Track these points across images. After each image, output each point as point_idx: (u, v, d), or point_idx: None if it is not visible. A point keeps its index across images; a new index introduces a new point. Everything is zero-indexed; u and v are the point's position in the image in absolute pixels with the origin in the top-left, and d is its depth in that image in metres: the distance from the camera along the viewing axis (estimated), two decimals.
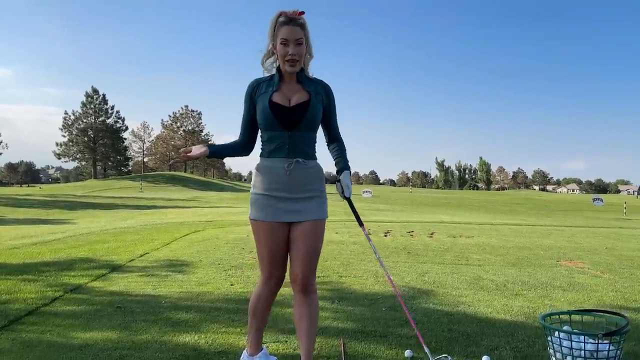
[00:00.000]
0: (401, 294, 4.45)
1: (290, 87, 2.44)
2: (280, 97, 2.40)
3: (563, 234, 10.38)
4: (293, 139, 2.40)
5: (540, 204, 45.36)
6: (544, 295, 4.53)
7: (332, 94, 2.55)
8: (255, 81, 2.50)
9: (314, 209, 2.45)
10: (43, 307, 3.89)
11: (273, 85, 2.43)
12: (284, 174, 2.40)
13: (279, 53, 2.37)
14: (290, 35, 2.32)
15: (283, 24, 2.34)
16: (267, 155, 2.45)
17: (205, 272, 5.35)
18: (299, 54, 2.35)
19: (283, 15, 2.36)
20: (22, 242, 8.03)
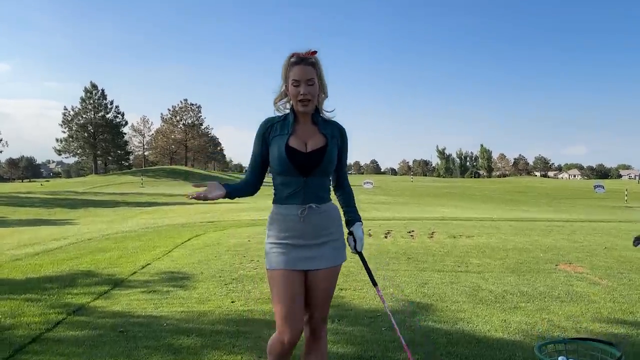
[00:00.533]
0: (402, 309, 4.50)
1: (305, 128, 2.41)
2: (296, 141, 2.36)
3: (563, 231, 10.41)
4: (308, 185, 2.36)
5: (542, 192, 45.45)
6: (542, 308, 4.57)
7: (346, 137, 2.53)
8: (269, 121, 2.45)
9: (329, 255, 2.42)
10: (47, 332, 3.94)
11: (288, 127, 2.39)
12: (298, 221, 2.36)
13: (291, 94, 2.35)
14: (302, 75, 2.31)
15: (294, 65, 2.33)
16: (281, 202, 2.41)
17: (206, 287, 5.39)
18: (311, 94, 2.33)
19: (295, 56, 2.35)
20: (25, 252, 8.08)
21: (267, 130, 2.41)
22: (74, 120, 71.90)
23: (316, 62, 2.36)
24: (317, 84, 2.34)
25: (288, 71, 2.34)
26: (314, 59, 2.36)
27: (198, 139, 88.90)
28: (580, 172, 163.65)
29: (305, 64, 2.32)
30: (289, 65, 2.35)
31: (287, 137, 2.35)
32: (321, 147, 2.36)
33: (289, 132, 2.37)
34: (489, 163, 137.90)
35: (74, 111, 72.25)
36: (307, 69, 2.31)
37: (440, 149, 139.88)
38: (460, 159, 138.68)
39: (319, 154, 2.35)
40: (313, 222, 2.37)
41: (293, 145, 2.34)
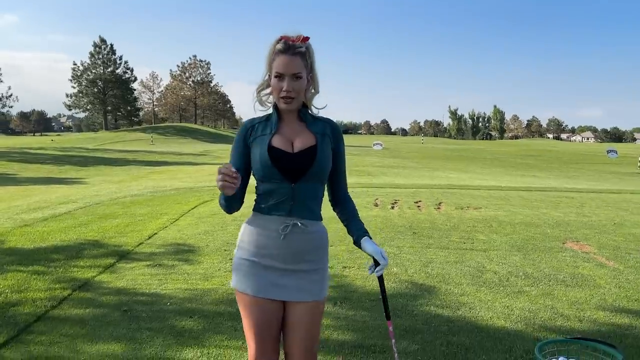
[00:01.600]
0: (405, 291, 4.50)
1: (291, 127, 2.04)
2: (281, 140, 1.99)
3: (572, 204, 10.31)
4: (297, 193, 1.97)
5: (553, 156, 45.01)
6: (546, 293, 4.55)
7: (341, 136, 2.11)
8: (250, 122, 2.08)
9: (312, 288, 2.02)
10: (52, 309, 3.99)
11: (271, 126, 2.03)
12: (278, 238, 1.97)
13: (273, 88, 1.98)
14: (286, 68, 1.92)
15: (279, 53, 1.94)
16: (262, 212, 2.02)
17: (211, 261, 5.42)
18: (295, 90, 1.94)
19: (282, 42, 1.95)
20: (34, 217, 8.16)
21: (248, 132, 2.05)
22: (83, 76, 71.56)
23: (306, 52, 1.97)
24: (305, 78, 1.96)
25: (271, 59, 1.97)
26: (305, 48, 1.96)
27: (207, 96, 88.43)
28: (594, 135, 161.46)
29: (292, 54, 1.93)
30: (274, 53, 1.97)
31: (270, 137, 1.99)
32: (311, 146, 1.99)
33: (272, 131, 2.01)
34: (502, 124, 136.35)
35: (83, 66, 71.84)
36: (293, 61, 1.93)
37: (453, 109, 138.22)
38: (472, 120, 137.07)
39: (309, 155, 1.97)
40: (295, 243, 1.99)
41: (277, 145, 1.97)
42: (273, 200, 1.99)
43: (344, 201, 2.17)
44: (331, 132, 2.07)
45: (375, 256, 2.04)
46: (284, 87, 1.93)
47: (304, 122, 2.06)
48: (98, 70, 71.96)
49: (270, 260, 2.00)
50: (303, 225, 1.99)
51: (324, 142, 2.03)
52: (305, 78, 1.96)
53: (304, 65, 1.96)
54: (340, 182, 2.16)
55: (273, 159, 1.95)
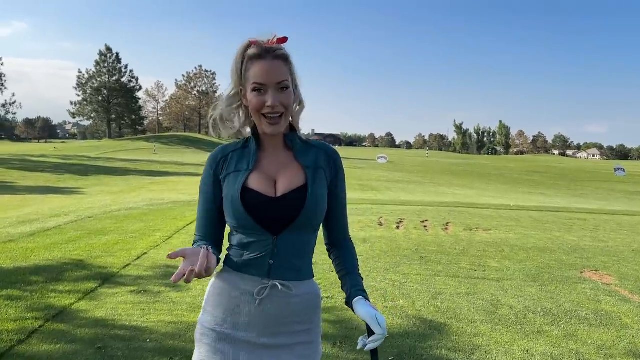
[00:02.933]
0: (413, 330, 4.06)
1: (275, 158, 1.57)
2: (259, 180, 1.52)
3: (586, 226, 9.86)
4: (280, 248, 1.51)
5: (560, 173, 44.54)
6: (569, 334, 4.10)
7: (339, 165, 1.64)
8: (221, 151, 1.61)
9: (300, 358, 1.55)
10: (18, 345, 3.57)
11: (249, 158, 1.56)
12: (252, 303, 1.51)
13: (251, 105, 1.49)
14: (269, 76, 1.46)
15: (255, 59, 1.48)
16: (234, 267, 1.56)
17: (201, 287, 4.99)
18: (283, 104, 1.48)
19: (255, 46, 1.49)
20: (20, 232, 7.76)
21: (220, 164, 1.58)
22: (88, 84, 71.68)
23: (288, 56, 1.53)
24: (291, 89, 1.51)
25: (246, 68, 1.50)
26: (285, 51, 1.52)
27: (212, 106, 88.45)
28: (600, 152, 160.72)
29: (273, 57, 1.47)
30: (245, 60, 1.50)
31: (246, 175, 1.52)
32: (299, 187, 1.52)
33: (249, 166, 1.54)
34: (507, 140, 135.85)
35: (89, 74, 71.98)
36: (275, 66, 1.47)
37: (458, 123, 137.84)
38: (477, 134, 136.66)
39: (296, 199, 1.50)
40: (275, 310, 1.52)
41: (254, 186, 1.50)
42: (248, 255, 1.52)
43: (340, 248, 1.68)
44: (326, 161, 1.59)
45: (369, 323, 1.49)
46: (269, 102, 1.46)
47: (291, 150, 1.59)
48: (103, 78, 72.08)
49: (242, 331, 1.52)
50: (285, 287, 1.51)
51: (316, 178, 1.55)
52: (291, 89, 1.51)
53: (289, 71, 1.51)
54: (338, 224, 1.67)
55: (248, 205, 1.48)
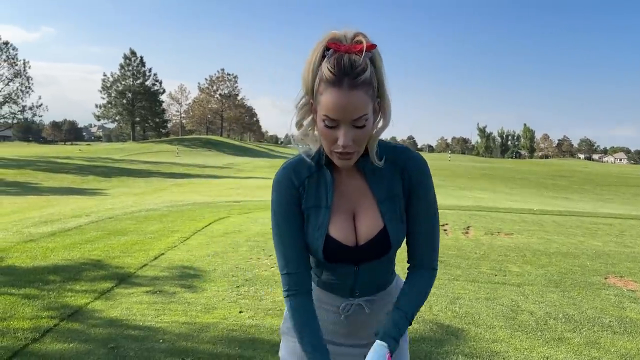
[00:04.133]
0: (430, 335, 3.97)
1: (349, 187, 1.43)
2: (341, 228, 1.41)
3: (611, 231, 9.59)
4: (361, 274, 1.47)
5: (586, 178, 43.60)
6: (591, 342, 3.96)
7: (422, 176, 1.43)
8: (296, 176, 1.42)
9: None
10: (32, 343, 3.59)
11: (325, 189, 1.41)
12: (338, 315, 1.52)
13: (322, 135, 1.29)
14: (343, 113, 1.22)
15: (330, 85, 1.21)
16: (319, 284, 1.53)
17: (216, 289, 4.97)
18: (357, 143, 1.27)
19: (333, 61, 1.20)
20: (41, 232, 7.87)
21: (300, 193, 1.42)
22: (112, 87, 72.90)
23: (372, 74, 1.23)
24: (371, 118, 1.26)
25: (318, 88, 1.25)
26: (368, 70, 1.22)
27: (234, 109, 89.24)
28: (627, 156, 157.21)
29: (351, 87, 1.20)
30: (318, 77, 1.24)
31: (327, 220, 1.41)
32: (379, 230, 1.40)
33: (328, 202, 1.41)
34: (532, 143, 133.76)
35: (113, 77, 73.18)
36: (353, 99, 1.21)
37: (481, 126, 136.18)
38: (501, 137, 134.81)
39: (378, 244, 1.41)
40: (360, 320, 1.52)
41: (335, 235, 1.40)
42: (330, 278, 1.50)
43: (412, 274, 1.49)
44: (401, 181, 1.41)
45: None
46: (340, 141, 1.25)
47: (363, 174, 1.42)
48: (127, 81, 73.22)
49: (327, 334, 1.48)
50: (362, 304, 1.50)
51: (394, 215, 1.41)
52: (370, 117, 1.26)
53: (370, 98, 1.24)
54: (418, 244, 1.47)
55: (329, 254, 1.41)
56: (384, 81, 1.27)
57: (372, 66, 1.23)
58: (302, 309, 1.41)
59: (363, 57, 1.20)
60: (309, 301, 1.43)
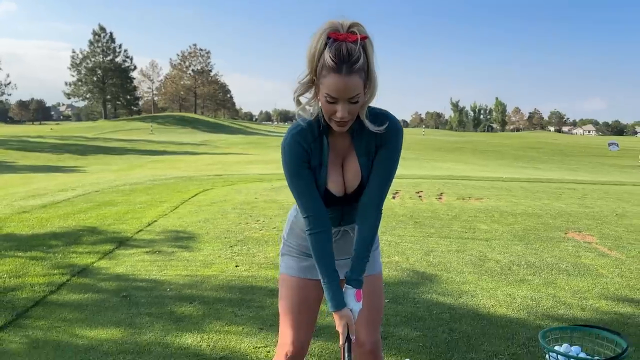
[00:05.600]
0: (407, 279, 4.46)
1: (340, 148, 1.82)
2: (334, 181, 1.82)
3: (574, 195, 10.27)
4: (346, 212, 1.92)
5: (555, 149, 44.92)
6: (549, 282, 4.51)
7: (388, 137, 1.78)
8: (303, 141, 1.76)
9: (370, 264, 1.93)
10: (50, 295, 3.95)
11: (324, 154, 1.79)
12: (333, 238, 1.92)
13: (323, 107, 1.66)
14: (342, 92, 1.58)
15: (331, 71, 1.56)
16: None
17: (211, 248, 5.38)
18: (351, 114, 1.65)
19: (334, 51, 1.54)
20: (32, 204, 8.11)
21: (308, 155, 1.78)
22: (82, 64, 71.34)
23: (364, 60, 1.58)
24: (362, 95, 1.63)
25: (321, 71, 1.59)
26: (361, 58, 1.57)
27: (207, 86, 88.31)
28: (595, 128, 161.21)
29: (349, 73, 1.55)
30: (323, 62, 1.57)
31: (325, 176, 1.81)
32: (359, 183, 1.83)
33: (325, 162, 1.80)
34: (503, 117, 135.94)
35: (83, 54, 71.54)
36: (350, 82, 1.56)
37: (454, 101, 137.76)
38: (474, 112, 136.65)
39: (359, 193, 1.85)
40: (346, 243, 1.96)
41: (331, 188, 1.83)
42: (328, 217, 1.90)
43: (364, 216, 1.84)
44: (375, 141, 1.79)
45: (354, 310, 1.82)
46: (338, 113, 1.62)
47: (350, 134, 1.79)
48: (97, 58, 71.71)
49: None
50: (348, 230, 1.96)
51: (368, 167, 1.82)
52: (362, 94, 1.62)
53: (362, 81, 1.60)
54: (371, 188, 1.83)
55: (327, 201, 1.84)
56: (372, 66, 1.62)
57: (364, 54, 1.58)
58: (321, 244, 1.80)
59: (358, 47, 1.54)
60: (327, 237, 1.80)
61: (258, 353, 3.03)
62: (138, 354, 3.01)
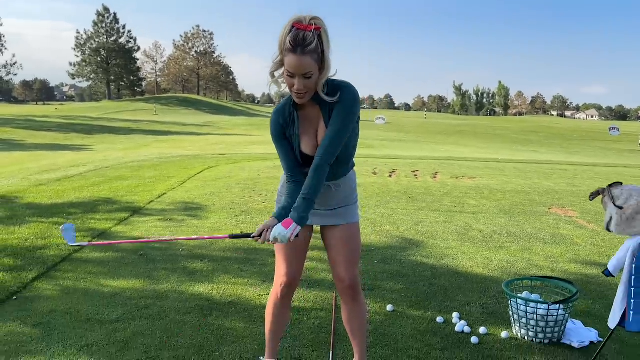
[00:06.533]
0: (395, 244, 4.91)
1: (310, 117, 2.23)
2: (307, 143, 2.24)
3: (565, 175, 10.68)
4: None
5: (556, 133, 45.14)
6: (525, 249, 4.96)
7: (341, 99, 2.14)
8: (280, 117, 2.24)
9: (343, 215, 2.38)
10: (75, 253, 4.41)
11: (295, 123, 2.22)
12: None
13: (285, 81, 2.10)
14: (297, 69, 2.01)
15: (289, 52, 2.00)
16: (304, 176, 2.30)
17: (217, 217, 5.83)
18: (307, 87, 2.06)
19: (291, 35, 1.98)
20: (47, 178, 8.56)
21: (283, 128, 2.24)
22: (86, 45, 71.27)
23: (317, 44, 2.01)
24: (316, 73, 2.05)
25: (284, 51, 2.03)
26: (315, 41, 1.99)
27: (210, 67, 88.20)
28: (599, 113, 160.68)
29: (302, 54, 1.98)
30: (284, 46, 2.01)
31: (299, 140, 2.23)
32: None
33: (297, 131, 2.23)
34: (506, 101, 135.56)
35: (87, 35, 71.49)
36: (303, 61, 1.99)
37: (457, 85, 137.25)
38: (477, 95, 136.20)
39: None
40: (326, 197, 2.34)
41: (306, 151, 2.24)
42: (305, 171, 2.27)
43: (313, 169, 2.16)
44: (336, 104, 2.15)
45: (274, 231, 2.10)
46: (295, 86, 2.05)
47: (318, 104, 2.19)
48: (101, 39, 71.62)
49: None
50: (330, 185, 2.32)
51: None
52: (316, 73, 2.04)
53: (315, 61, 2.02)
54: (321, 144, 2.17)
55: (304, 160, 2.25)
56: (325, 50, 2.04)
57: (318, 40, 2.00)
58: (291, 191, 2.24)
59: (312, 34, 1.98)
60: (296, 187, 2.22)
61: (261, 299, 3.49)
62: (157, 299, 3.48)
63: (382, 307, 3.44)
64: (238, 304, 3.43)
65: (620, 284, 2.45)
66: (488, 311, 3.42)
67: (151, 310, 3.29)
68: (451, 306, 3.49)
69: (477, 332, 3.10)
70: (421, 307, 3.45)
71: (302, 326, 3.12)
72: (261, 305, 3.34)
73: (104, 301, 3.43)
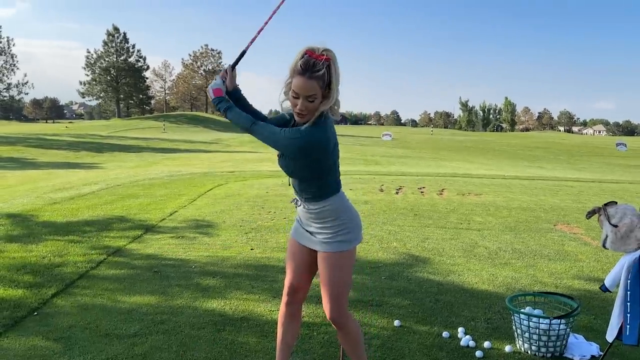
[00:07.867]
0: (402, 261, 5.03)
1: None
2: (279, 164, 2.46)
3: (570, 191, 10.75)
4: (293, 185, 2.47)
5: (562, 149, 45.11)
6: (530, 265, 5.06)
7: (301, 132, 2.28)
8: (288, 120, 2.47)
9: (319, 244, 2.44)
10: (91, 270, 4.56)
11: None
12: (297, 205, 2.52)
13: (290, 100, 2.28)
14: (302, 90, 2.18)
15: (298, 74, 2.18)
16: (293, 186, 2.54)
17: (228, 234, 5.98)
18: (307, 109, 2.22)
19: (303, 60, 2.17)
20: (61, 196, 8.75)
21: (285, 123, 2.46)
22: (96, 64, 72.40)
23: (325, 72, 2.18)
24: (318, 98, 2.21)
25: (293, 73, 2.21)
26: (324, 69, 2.16)
27: None
28: (606, 129, 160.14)
29: (309, 77, 2.16)
30: (295, 69, 2.19)
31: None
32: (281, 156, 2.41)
33: None
34: (513, 117, 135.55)
35: (97, 54, 72.66)
36: (309, 84, 2.17)
37: (464, 100, 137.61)
38: (483, 111, 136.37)
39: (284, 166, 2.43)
40: (303, 214, 2.49)
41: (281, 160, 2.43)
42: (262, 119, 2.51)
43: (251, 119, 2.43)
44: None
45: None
46: (298, 107, 2.23)
47: None
48: (111, 58, 72.75)
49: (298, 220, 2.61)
50: (303, 205, 2.44)
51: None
52: (319, 98, 2.21)
53: (320, 87, 2.18)
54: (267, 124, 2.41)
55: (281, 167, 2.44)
56: (333, 80, 2.20)
57: (327, 70, 2.18)
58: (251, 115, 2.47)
59: (322, 63, 2.17)
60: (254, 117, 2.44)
61: (272, 315, 3.61)
62: (172, 314, 3.61)
63: (390, 322, 3.55)
64: (250, 319, 3.55)
65: (617, 298, 2.56)
66: (492, 326, 3.53)
67: (167, 325, 3.42)
68: (456, 321, 3.59)
69: (482, 346, 3.21)
70: (427, 322, 3.56)
71: (312, 341, 3.24)
72: (272, 321, 3.46)
73: (121, 316, 3.56)
